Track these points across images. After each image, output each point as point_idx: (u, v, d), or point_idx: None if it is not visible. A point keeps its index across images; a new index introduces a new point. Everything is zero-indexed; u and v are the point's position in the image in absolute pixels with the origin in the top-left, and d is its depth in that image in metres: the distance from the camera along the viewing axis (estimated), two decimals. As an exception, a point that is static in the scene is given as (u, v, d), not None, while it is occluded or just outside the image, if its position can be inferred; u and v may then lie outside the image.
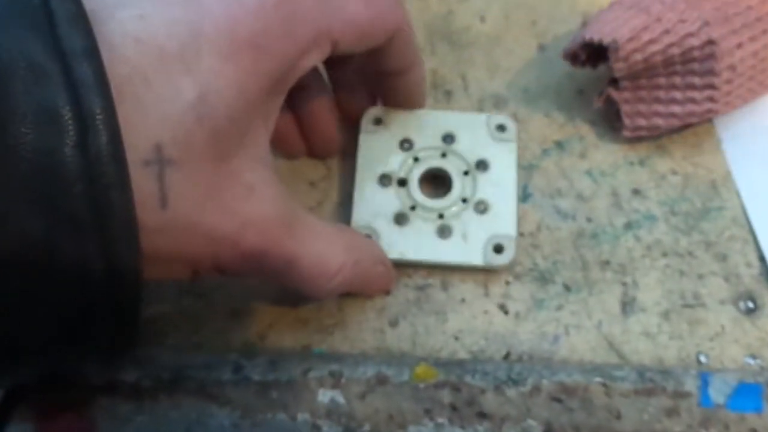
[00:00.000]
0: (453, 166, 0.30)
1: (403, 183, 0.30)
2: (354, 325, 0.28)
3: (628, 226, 0.30)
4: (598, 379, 0.26)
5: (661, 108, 0.30)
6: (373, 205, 0.29)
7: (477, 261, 0.28)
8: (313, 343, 0.28)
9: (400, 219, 0.29)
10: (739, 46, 0.28)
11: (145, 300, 0.20)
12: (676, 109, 0.30)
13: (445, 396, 0.25)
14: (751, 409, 0.25)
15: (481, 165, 0.30)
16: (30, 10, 0.17)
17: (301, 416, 0.25)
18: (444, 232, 0.29)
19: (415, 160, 0.30)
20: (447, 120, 0.31)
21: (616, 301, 0.29)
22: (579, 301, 0.29)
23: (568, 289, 0.29)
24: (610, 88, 0.31)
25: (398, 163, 0.30)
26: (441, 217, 0.29)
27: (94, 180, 0.17)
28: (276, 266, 0.23)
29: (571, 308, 0.28)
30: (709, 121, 0.33)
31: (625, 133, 0.32)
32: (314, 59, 0.23)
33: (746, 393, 0.25)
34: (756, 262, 0.29)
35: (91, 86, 0.17)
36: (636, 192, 0.31)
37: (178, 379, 0.26)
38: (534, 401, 0.25)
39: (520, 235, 0.30)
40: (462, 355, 0.28)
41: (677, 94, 0.29)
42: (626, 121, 0.31)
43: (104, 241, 0.18)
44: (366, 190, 0.30)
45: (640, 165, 0.32)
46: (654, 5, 0.28)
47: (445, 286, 0.29)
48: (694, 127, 0.33)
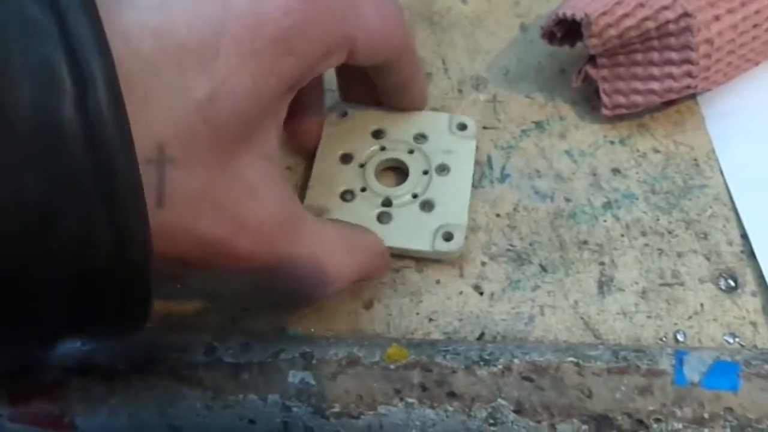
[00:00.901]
0: (415, 163, 0.30)
1: (362, 166, 0.30)
2: (328, 308, 0.28)
3: (607, 206, 0.30)
4: (571, 359, 0.25)
5: (640, 85, 0.29)
6: (328, 181, 0.30)
7: (424, 247, 0.28)
8: (288, 326, 0.28)
9: (347, 195, 0.29)
10: (716, 18, 0.27)
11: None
12: (655, 85, 0.29)
13: (416, 376, 0.25)
14: (727, 388, 0.24)
15: (442, 168, 0.30)
16: None
17: (272, 397, 0.25)
18: (383, 218, 0.29)
19: (382, 149, 0.31)
20: (415, 119, 0.31)
21: (593, 281, 0.28)
22: (555, 281, 0.28)
23: (544, 269, 0.29)
24: (588, 66, 0.31)
25: (364, 148, 0.31)
26: (387, 204, 0.29)
27: (96, 142, 0.16)
28: (273, 270, 0.22)
29: (547, 288, 0.28)
30: (693, 98, 0.33)
31: (605, 112, 0.31)
32: (333, 63, 0.23)
33: (722, 371, 0.25)
34: (738, 240, 0.29)
35: (88, 42, 0.16)
36: (616, 171, 0.31)
37: (150, 361, 0.26)
38: (505, 380, 0.25)
39: (496, 216, 0.30)
40: (436, 336, 0.27)
41: (655, 70, 0.29)
42: (605, 99, 0.31)
43: (110, 208, 0.16)
44: (325, 166, 0.30)
45: (620, 144, 0.32)
46: (628, -21, 0.28)
47: (420, 268, 0.29)
48: (677, 105, 0.33)
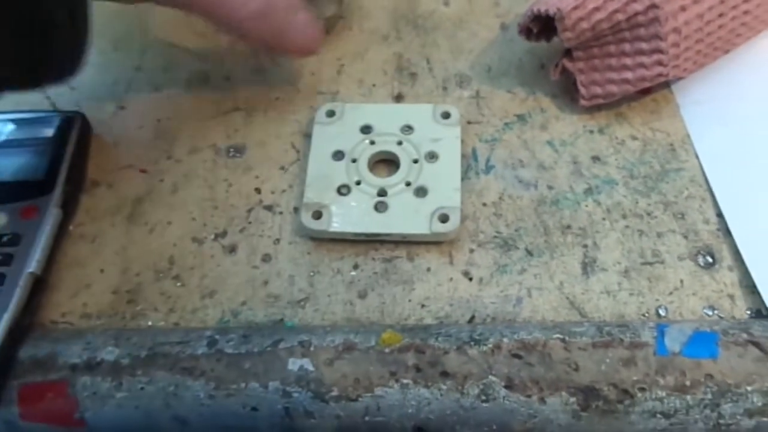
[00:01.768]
0: (405, 154, 0.31)
1: (355, 161, 0.31)
2: (324, 299, 0.29)
3: (589, 192, 0.31)
4: (557, 335, 0.26)
5: (614, 75, 0.31)
6: (324, 179, 0.31)
7: (423, 231, 0.29)
8: (285, 318, 0.29)
9: (343, 190, 0.31)
10: (682, 8, 0.29)
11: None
12: (628, 75, 0.31)
13: (410, 358, 0.26)
14: (707, 356, 0.25)
15: (431, 156, 0.31)
16: None
17: (273, 384, 0.26)
18: (380, 207, 0.30)
19: (372, 143, 0.32)
20: (400, 112, 0.33)
21: (577, 263, 0.29)
22: (541, 264, 0.29)
23: (530, 253, 0.30)
24: (565, 59, 0.32)
25: (354, 144, 0.32)
26: (382, 194, 0.30)
27: None
28: None
29: (533, 272, 0.29)
30: (667, 87, 0.34)
31: (583, 103, 0.32)
32: None
33: (702, 341, 0.26)
34: (714, 219, 0.30)
35: None
36: (596, 159, 0.32)
37: (154, 355, 0.27)
38: (495, 358, 0.26)
39: (483, 205, 0.31)
40: (429, 321, 0.29)
41: (627, 60, 0.30)
42: (582, 90, 0.32)
43: None
44: (319, 165, 0.32)
45: (599, 133, 0.33)
46: (597, -26, 0.29)
47: (411, 257, 0.30)
48: (653, 94, 0.34)
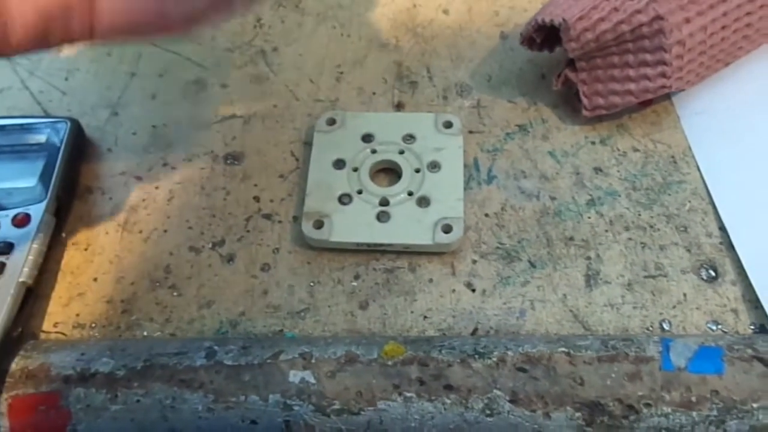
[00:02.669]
0: (407, 163, 0.31)
1: (356, 170, 0.31)
2: (325, 309, 0.29)
3: (591, 203, 0.31)
4: (562, 349, 0.26)
5: (617, 86, 0.31)
6: (325, 188, 0.31)
7: (426, 241, 0.29)
8: (285, 328, 0.29)
9: (345, 199, 0.30)
10: (686, 21, 0.29)
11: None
12: (632, 86, 0.30)
13: (413, 371, 0.26)
14: (712, 371, 0.25)
15: (433, 165, 0.31)
16: None
17: (273, 397, 0.26)
18: (382, 217, 0.30)
19: (373, 152, 0.31)
20: (401, 120, 0.33)
21: (580, 275, 0.29)
22: (544, 276, 0.29)
23: (533, 265, 0.30)
24: (568, 70, 0.32)
25: (355, 152, 0.32)
26: (384, 204, 0.30)
27: None
28: None
29: (536, 283, 0.29)
30: (668, 99, 0.34)
31: (585, 113, 0.32)
32: None
33: (707, 356, 0.26)
34: (716, 232, 0.30)
35: None
36: (598, 170, 0.32)
37: (150, 367, 0.26)
38: (500, 372, 0.26)
39: (485, 216, 0.31)
40: (431, 333, 0.28)
41: (631, 72, 0.30)
42: (585, 101, 0.32)
43: None
44: (319, 173, 0.31)
45: (601, 144, 0.33)
46: (602, -14, 0.29)
47: (413, 268, 0.30)
48: (654, 106, 0.34)
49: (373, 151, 0.31)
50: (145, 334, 0.29)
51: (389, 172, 0.32)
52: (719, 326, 0.28)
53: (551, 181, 0.32)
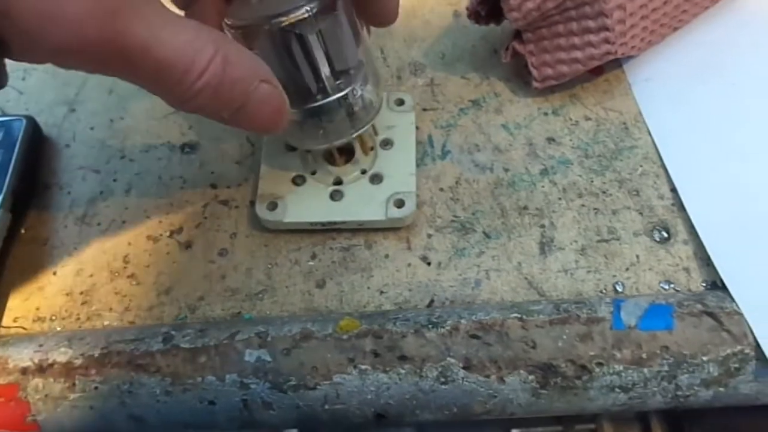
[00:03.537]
0: (360, 142, 0.31)
1: (309, 151, 0.31)
2: (282, 290, 0.29)
3: (544, 172, 0.31)
4: (515, 315, 0.26)
5: (564, 55, 0.31)
6: (278, 170, 0.31)
7: (379, 217, 0.29)
8: (243, 311, 0.29)
9: (298, 180, 0.31)
10: (625, -14, 0.29)
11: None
12: (578, 54, 0.31)
13: (368, 344, 0.26)
14: (662, 328, 0.25)
15: (386, 143, 0.31)
16: None
17: (230, 377, 0.26)
18: (336, 196, 0.30)
19: None
20: None
21: (534, 243, 0.29)
22: (499, 246, 0.29)
23: (488, 236, 0.30)
24: (515, 42, 0.32)
25: None
26: (338, 183, 0.30)
27: None
28: (122, 52, 0.20)
29: (491, 254, 0.29)
30: (619, 67, 0.34)
31: (536, 84, 0.33)
32: None
33: (657, 313, 0.26)
34: (668, 194, 0.30)
35: None
36: (551, 140, 0.32)
37: (108, 354, 0.26)
38: (453, 340, 0.26)
39: (440, 190, 0.31)
40: (387, 307, 0.28)
41: (576, 40, 0.30)
42: (534, 72, 0.32)
43: None
44: (273, 157, 0.31)
45: (554, 114, 0.33)
46: (541, -45, 0.29)
47: (369, 245, 0.30)
48: (605, 75, 0.34)
49: None
50: (105, 323, 0.29)
51: (343, 152, 0.32)
52: (672, 285, 0.28)
53: (505, 153, 0.32)
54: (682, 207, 0.30)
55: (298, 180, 0.31)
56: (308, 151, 0.31)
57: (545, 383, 0.25)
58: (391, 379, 0.26)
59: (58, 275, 0.30)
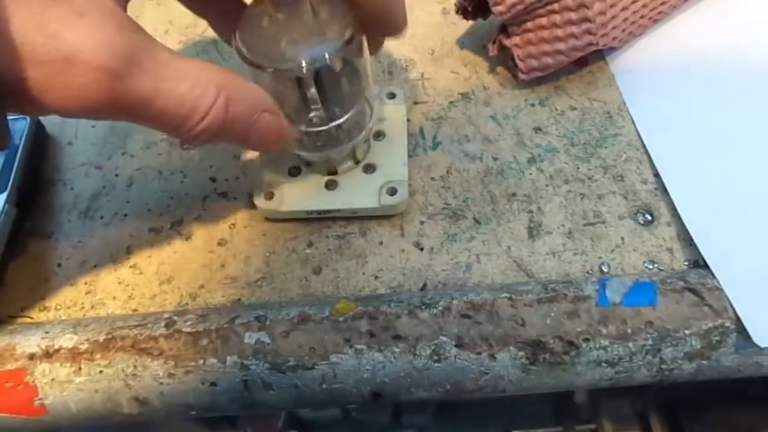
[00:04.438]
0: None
1: None
2: (280, 277, 0.30)
3: (532, 161, 0.32)
4: (505, 295, 0.27)
5: (548, 47, 0.32)
6: (275, 161, 0.32)
7: (372, 204, 0.30)
8: (243, 297, 0.30)
9: (294, 171, 0.32)
10: (605, -21, 0.30)
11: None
12: (561, 45, 0.32)
13: (363, 325, 0.27)
14: (646, 304, 0.26)
15: (378, 134, 0.33)
16: None
17: (230, 359, 0.27)
18: (330, 185, 0.31)
19: None
20: None
21: (523, 228, 0.30)
22: (489, 231, 0.30)
23: (478, 222, 0.31)
24: (501, 36, 0.33)
25: None
26: (332, 173, 0.31)
27: None
28: (124, 106, 0.21)
29: (481, 238, 0.30)
30: (603, 59, 0.36)
31: (522, 76, 0.34)
32: None
33: (641, 291, 0.27)
34: (651, 179, 0.31)
35: None
36: (537, 129, 0.34)
37: (112, 339, 0.27)
38: (445, 320, 0.27)
39: (431, 179, 0.32)
40: (382, 291, 0.29)
41: (559, 32, 0.32)
42: (520, 64, 0.33)
43: None
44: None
45: (540, 105, 0.34)
46: (524, -49, 0.31)
47: (363, 232, 0.31)
48: (589, 66, 0.35)
49: None
50: (109, 311, 0.30)
51: None
52: (656, 265, 0.29)
53: (494, 143, 0.33)
54: (664, 191, 0.31)
55: (293, 171, 0.32)
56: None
57: (534, 359, 0.26)
58: (386, 358, 0.26)
59: (63, 267, 0.31)
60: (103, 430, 0.42)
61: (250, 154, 0.33)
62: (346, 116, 0.28)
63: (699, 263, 0.29)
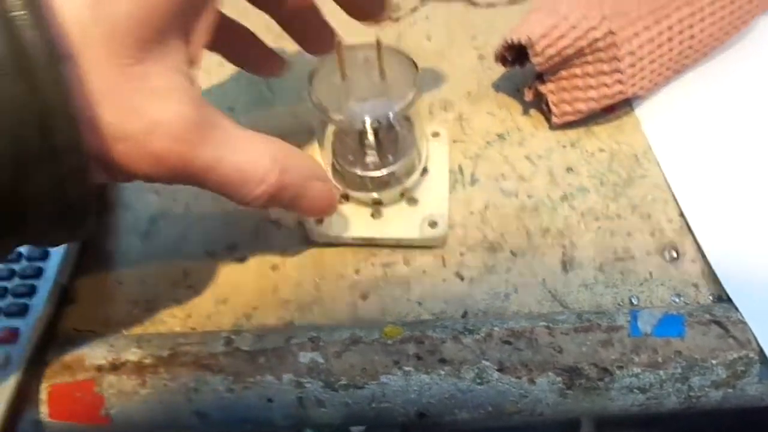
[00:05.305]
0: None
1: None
2: (330, 301, 0.32)
3: (564, 198, 0.35)
4: (542, 323, 0.29)
5: (581, 94, 0.35)
6: None
7: (414, 235, 0.32)
8: (295, 320, 0.32)
9: (342, 198, 0.34)
10: (635, 34, 0.33)
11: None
12: (593, 93, 0.34)
13: (411, 348, 0.29)
14: (675, 335, 0.28)
15: (423, 171, 0.35)
16: None
17: (286, 376, 0.29)
18: (376, 214, 0.33)
19: None
20: None
21: (557, 261, 0.33)
22: (525, 263, 0.33)
23: (514, 254, 0.33)
24: (537, 82, 0.36)
25: None
26: (378, 203, 0.34)
27: (7, 17, 0.17)
28: (193, 172, 0.23)
29: (518, 270, 0.32)
30: (629, 106, 0.38)
31: (555, 120, 0.36)
32: None
33: (670, 322, 0.29)
34: (677, 218, 0.34)
35: None
36: (569, 169, 0.36)
37: (175, 354, 0.29)
38: (487, 345, 0.29)
39: (470, 214, 0.34)
40: (426, 317, 0.31)
41: (591, 81, 0.34)
42: (554, 109, 0.36)
43: (30, 81, 0.18)
44: None
45: (571, 147, 0.37)
46: (561, 7, 0.33)
47: (407, 262, 0.33)
48: (617, 112, 0.38)
49: None
50: (168, 328, 0.32)
51: None
52: (681, 298, 0.31)
53: (528, 181, 0.36)
54: (689, 229, 0.33)
55: (341, 199, 0.34)
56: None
57: (571, 384, 0.28)
58: (432, 380, 0.28)
59: (124, 284, 0.33)
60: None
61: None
62: (399, 163, 0.31)
63: (722, 298, 0.31)
